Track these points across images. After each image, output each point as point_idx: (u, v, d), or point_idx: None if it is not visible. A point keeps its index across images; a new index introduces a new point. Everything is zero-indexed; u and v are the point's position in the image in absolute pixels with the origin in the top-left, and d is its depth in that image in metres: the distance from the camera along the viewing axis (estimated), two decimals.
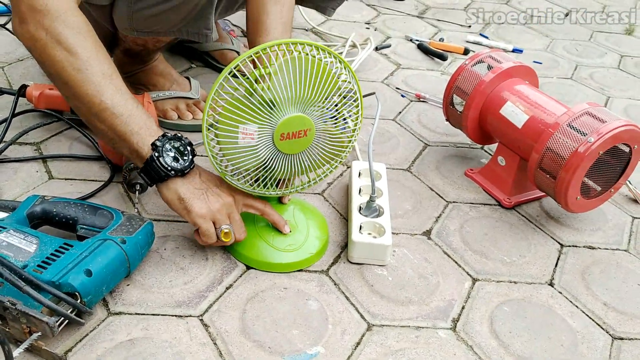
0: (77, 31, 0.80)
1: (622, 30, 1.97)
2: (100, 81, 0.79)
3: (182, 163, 0.82)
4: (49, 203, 0.84)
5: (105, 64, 0.81)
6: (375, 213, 0.95)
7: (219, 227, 0.83)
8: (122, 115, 0.80)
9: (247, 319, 0.80)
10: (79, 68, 0.79)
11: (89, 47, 0.80)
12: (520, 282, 0.92)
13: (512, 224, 1.04)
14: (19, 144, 1.07)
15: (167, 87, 1.23)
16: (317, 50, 0.79)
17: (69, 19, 0.80)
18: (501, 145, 1.10)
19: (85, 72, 0.79)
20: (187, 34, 1.06)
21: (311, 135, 0.82)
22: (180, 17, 1.02)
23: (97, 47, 0.82)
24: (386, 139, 1.24)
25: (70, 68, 0.79)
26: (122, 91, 0.81)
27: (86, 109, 0.81)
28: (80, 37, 0.80)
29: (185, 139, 0.83)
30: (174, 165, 0.81)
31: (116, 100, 0.80)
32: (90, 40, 0.81)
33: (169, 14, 1.00)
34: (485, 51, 1.14)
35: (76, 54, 0.79)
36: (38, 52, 0.80)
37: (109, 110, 0.79)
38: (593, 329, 0.85)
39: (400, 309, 0.85)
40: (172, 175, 0.81)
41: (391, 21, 1.84)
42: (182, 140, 0.83)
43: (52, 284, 0.70)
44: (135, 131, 0.80)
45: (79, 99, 0.80)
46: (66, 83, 0.80)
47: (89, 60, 0.79)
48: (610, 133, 0.92)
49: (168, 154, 0.81)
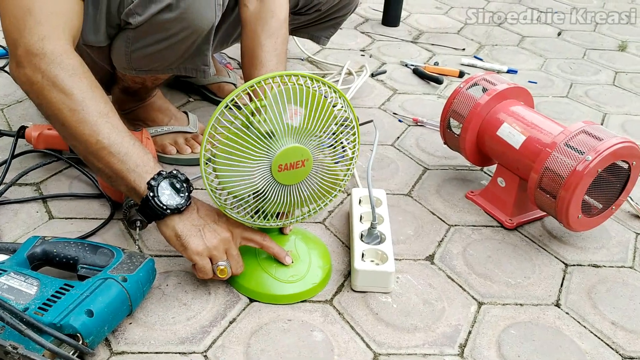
0: (72, 73, 0.81)
1: (615, 47, 1.99)
2: (97, 120, 0.80)
3: (178, 201, 0.82)
4: (49, 244, 0.83)
5: (101, 103, 0.82)
6: (377, 240, 0.95)
7: (215, 263, 0.83)
8: (118, 153, 0.80)
9: (252, 353, 0.79)
10: (74, 109, 0.80)
11: (85, 88, 0.81)
12: (527, 304, 0.91)
13: (515, 245, 1.03)
14: (19, 185, 1.08)
15: (165, 122, 1.24)
16: (312, 81, 0.80)
17: (65, 62, 0.81)
18: (500, 166, 1.10)
19: (81, 112, 0.80)
20: (185, 70, 1.08)
21: (309, 166, 0.82)
22: (178, 55, 1.03)
23: (93, 87, 0.83)
24: (385, 165, 1.25)
25: (66, 109, 0.80)
26: (118, 129, 0.82)
27: (83, 148, 0.82)
28: (75, 78, 0.81)
29: (182, 175, 0.83)
30: (170, 204, 0.81)
31: (112, 138, 0.80)
32: (85, 81, 0.82)
33: (166, 53, 1.02)
34: (479, 74, 1.15)
35: (72, 95, 0.80)
36: (35, 94, 0.81)
37: (106, 150, 0.80)
38: (602, 349, 0.84)
39: (407, 336, 0.84)
40: (168, 214, 0.81)
41: (386, 47, 1.86)
42: (179, 176, 0.83)
43: (54, 326, 0.69)
44: (132, 169, 0.81)
45: (76, 138, 0.81)
46: (63, 124, 0.81)
47: (84, 101, 0.80)
48: (607, 150, 0.92)
49: (164, 192, 0.81)
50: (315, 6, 1.33)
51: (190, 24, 0.97)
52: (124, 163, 0.81)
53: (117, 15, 0.97)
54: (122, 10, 0.95)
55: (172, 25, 0.96)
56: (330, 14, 1.40)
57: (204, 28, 0.98)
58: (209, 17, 0.98)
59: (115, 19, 0.97)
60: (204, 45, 1.04)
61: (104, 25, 0.99)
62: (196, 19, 0.96)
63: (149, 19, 0.95)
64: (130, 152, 0.81)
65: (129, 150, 0.81)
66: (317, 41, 1.47)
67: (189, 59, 1.06)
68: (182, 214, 0.82)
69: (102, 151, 0.80)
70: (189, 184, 0.84)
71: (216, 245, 0.83)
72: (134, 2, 0.93)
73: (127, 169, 0.81)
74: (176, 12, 0.94)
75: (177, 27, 0.96)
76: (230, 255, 0.85)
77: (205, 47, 1.05)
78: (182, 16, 0.95)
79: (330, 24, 1.44)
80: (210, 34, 1.02)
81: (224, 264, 0.84)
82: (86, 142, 0.80)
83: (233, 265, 0.85)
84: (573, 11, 2.30)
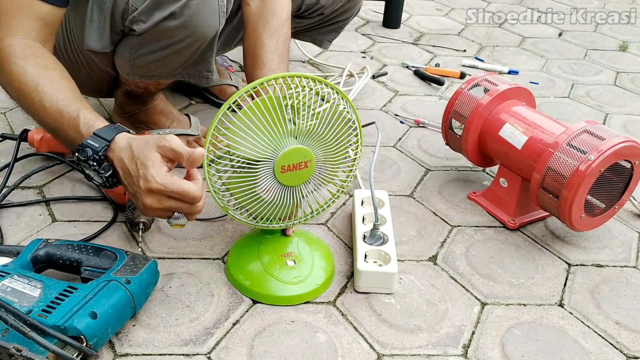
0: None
1: (616, 47, 1.99)
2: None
3: (99, 181, 0.80)
4: (53, 246, 0.83)
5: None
6: (380, 241, 0.95)
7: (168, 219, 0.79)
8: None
9: (256, 354, 0.79)
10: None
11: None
12: (530, 304, 0.91)
13: (518, 246, 1.03)
14: (21, 188, 1.08)
15: (167, 125, 1.24)
16: (315, 82, 0.80)
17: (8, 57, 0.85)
18: (502, 167, 1.10)
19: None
20: (189, 77, 1.09)
21: (312, 167, 0.82)
22: (181, 62, 1.04)
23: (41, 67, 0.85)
24: (387, 166, 1.25)
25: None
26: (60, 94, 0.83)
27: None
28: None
29: (91, 151, 0.78)
30: (96, 180, 0.80)
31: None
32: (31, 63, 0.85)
33: (170, 59, 1.02)
34: (480, 74, 1.15)
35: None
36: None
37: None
38: (607, 349, 0.84)
39: (410, 337, 0.83)
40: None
41: (386, 49, 1.86)
42: (89, 162, 0.78)
43: (57, 328, 0.69)
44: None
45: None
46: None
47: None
48: (610, 150, 0.92)
49: (89, 171, 0.79)
50: (318, 10, 1.34)
51: (194, 32, 0.97)
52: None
53: (121, 22, 0.97)
54: (126, 17, 0.96)
55: (176, 32, 0.96)
56: (333, 18, 1.40)
57: (208, 35, 0.99)
58: (213, 25, 0.98)
59: (120, 25, 0.98)
60: (208, 52, 1.05)
61: (108, 32, 0.99)
62: (200, 27, 0.96)
63: (153, 27, 0.95)
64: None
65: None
66: (320, 44, 1.48)
67: (192, 66, 1.06)
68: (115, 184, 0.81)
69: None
70: (102, 162, 0.78)
71: (152, 207, 0.76)
72: (139, 9, 0.94)
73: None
74: (180, 20, 0.94)
75: (181, 34, 0.97)
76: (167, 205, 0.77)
77: (208, 54, 1.05)
78: (186, 24, 0.95)
79: (332, 28, 1.44)
80: (214, 41, 1.02)
81: (175, 218, 0.78)
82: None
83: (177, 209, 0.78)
84: (573, 11, 2.30)
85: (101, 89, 1.20)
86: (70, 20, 1.03)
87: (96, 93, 1.26)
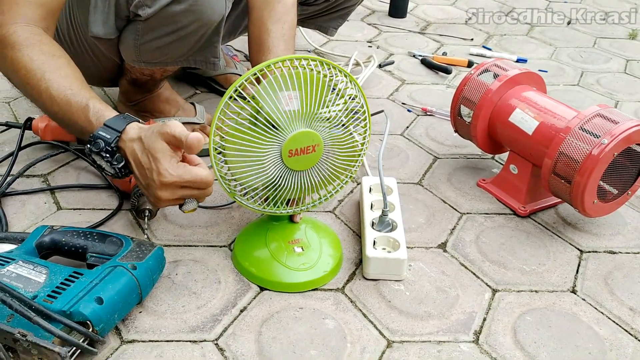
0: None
1: (626, 35, 1.97)
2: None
3: (111, 171, 0.79)
4: (58, 233, 0.82)
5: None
6: (389, 227, 0.93)
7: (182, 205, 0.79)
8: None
9: (263, 341, 0.77)
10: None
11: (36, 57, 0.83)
12: (542, 291, 0.89)
13: (529, 233, 1.01)
14: (26, 176, 1.07)
15: (172, 114, 1.23)
16: (322, 65, 0.79)
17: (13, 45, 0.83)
18: (512, 153, 1.08)
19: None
20: (195, 63, 1.07)
21: (320, 151, 0.81)
22: (187, 48, 1.02)
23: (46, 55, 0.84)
24: (395, 154, 1.23)
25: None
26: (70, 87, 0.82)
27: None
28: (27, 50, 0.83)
29: (104, 142, 0.77)
30: (111, 171, 0.79)
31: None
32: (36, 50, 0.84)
33: (176, 45, 1.01)
34: (490, 60, 1.13)
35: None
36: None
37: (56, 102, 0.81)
38: (621, 336, 0.82)
39: (420, 323, 0.82)
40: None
41: (393, 39, 1.84)
42: (102, 148, 0.77)
43: (63, 313, 0.68)
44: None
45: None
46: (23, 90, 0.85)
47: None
48: (624, 134, 0.90)
49: (100, 161, 0.79)
50: None
51: (200, 16, 0.95)
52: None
53: (126, 7, 0.96)
54: (131, 2, 0.94)
55: (181, 17, 0.95)
56: (339, 4, 1.38)
57: (214, 20, 0.97)
58: (219, 9, 0.96)
59: (124, 10, 0.96)
60: (214, 37, 1.03)
61: (113, 17, 0.98)
62: (206, 11, 0.95)
63: (158, 11, 0.93)
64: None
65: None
66: (325, 32, 1.46)
67: (198, 52, 1.05)
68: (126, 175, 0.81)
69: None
70: (114, 153, 0.78)
71: (166, 199, 0.76)
72: None
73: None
74: (186, 4, 0.93)
75: (186, 19, 0.95)
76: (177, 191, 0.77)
77: (215, 39, 1.04)
78: (192, 8, 0.94)
79: (338, 14, 1.42)
80: (220, 26, 1.01)
81: (188, 204, 0.78)
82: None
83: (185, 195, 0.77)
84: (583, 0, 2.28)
85: (106, 77, 1.19)
86: (74, 7, 1.02)
87: (101, 82, 1.24)
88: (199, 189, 0.77)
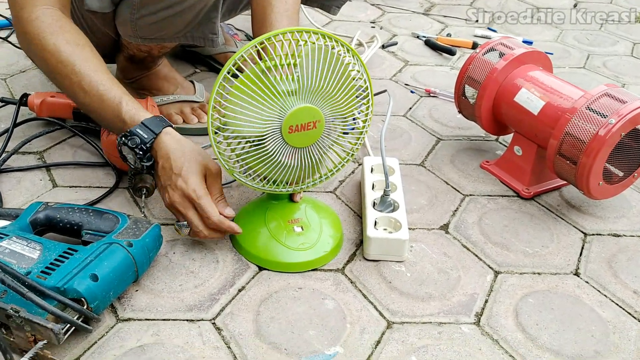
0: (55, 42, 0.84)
1: (633, 19, 1.93)
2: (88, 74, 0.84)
3: (140, 165, 0.84)
4: (53, 209, 0.81)
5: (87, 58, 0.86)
6: (390, 208, 0.92)
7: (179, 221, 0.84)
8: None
9: (262, 320, 0.76)
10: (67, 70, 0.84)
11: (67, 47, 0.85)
12: (545, 273, 0.88)
13: (532, 215, 1.00)
14: (22, 153, 1.05)
15: (171, 91, 1.21)
16: (324, 38, 0.76)
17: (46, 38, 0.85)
18: (517, 134, 1.07)
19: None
20: (193, 39, 1.05)
21: (321, 127, 0.79)
22: (185, 23, 1.00)
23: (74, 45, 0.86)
24: (398, 135, 1.21)
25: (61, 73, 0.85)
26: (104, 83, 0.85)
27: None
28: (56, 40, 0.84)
29: (138, 139, 0.82)
30: (138, 165, 0.84)
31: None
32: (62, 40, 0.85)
33: (173, 20, 0.98)
34: (496, 39, 1.11)
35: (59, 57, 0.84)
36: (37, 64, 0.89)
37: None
38: (624, 318, 0.81)
39: (421, 305, 0.81)
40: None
41: (396, 19, 1.81)
42: (138, 144, 0.82)
43: (57, 289, 0.67)
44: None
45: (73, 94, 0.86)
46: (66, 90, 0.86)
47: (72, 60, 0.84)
48: (632, 113, 0.88)
49: (128, 155, 0.83)
50: None
51: None
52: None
53: None
54: None
55: None
56: None
57: None
58: None
59: None
60: (213, 13, 1.01)
61: None
62: None
63: None
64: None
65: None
66: (328, 10, 1.43)
67: (197, 27, 1.02)
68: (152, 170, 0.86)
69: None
70: (147, 152, 0.82)
71: (174, 206, 0.82)
72: None
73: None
74: None
75: None
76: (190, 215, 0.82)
77: (213, 15, 1.01)
78: None
79: None
80: (219, 1, 0.98)
81: (181, 225, 0.83)
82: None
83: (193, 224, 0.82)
84: None
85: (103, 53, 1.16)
86: None
87: None
88: (200, 215, 0.81)
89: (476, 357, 0.73)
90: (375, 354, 0.73)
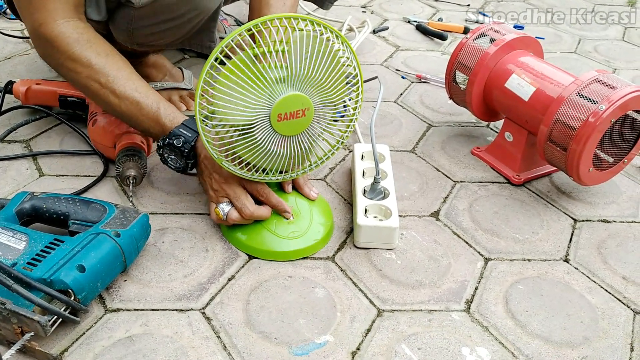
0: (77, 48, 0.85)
1: (625, 2, 1.93)
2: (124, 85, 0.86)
3: (181, 164, 0.85)
4: (39, 199, 0.80)
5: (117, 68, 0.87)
6: (381, 195, 0.91)
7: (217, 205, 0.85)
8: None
9: (252, 310, 0.76)
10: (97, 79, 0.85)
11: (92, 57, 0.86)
12: (535, 260, 0.88)
13: (522, 201, 1.00)
14: (7, 141, 1.04)
15: (159, 79, 1.20)
16: (313, 24, 0.75)
17: (61, 43, 0.85)
18: (508, 120, 1.06)
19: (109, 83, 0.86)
20: (190, 46, 1.06)
21: (310, 115, 0.78)
22: (183, 33, 0.99)
23: (102, 54, 0.86)
24: (388, 121, 1.20)
25: (89, 83, 0.86)
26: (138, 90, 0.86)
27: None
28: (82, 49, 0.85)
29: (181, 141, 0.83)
30: (181, 165, 0.85)
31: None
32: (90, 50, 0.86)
33: (171, 31, 0.98)
34: (487, 24, 1.10)
35: (87, 65, 0.85)
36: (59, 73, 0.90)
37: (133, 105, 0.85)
38: (613, 304, 0.81)
39: (411, 292, 0.81)
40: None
41: (387, 4, 1.79)
42: (183, 143, 0.83)
43: (43, 281, 0.66)
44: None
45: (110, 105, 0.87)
46: (95, 97, 0.88)
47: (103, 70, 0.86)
48: (622, 100, 0.87)
49: (170, 156, 0.85)
50: None
51: (197, 5, 0.92)
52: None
53: None
54: None
55: (177, 7, 0.92)
56: None
57: (211, 7, 0.94)
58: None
59: None
60: (211, 23, 1.01)
61: (104, 2, 0.94)
62: (202, 0, 0.92)
63: (152, 1, 0.90)
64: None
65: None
66: (321, 5, 1.42)
67: (194, 36, 1.02)
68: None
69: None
70: (192, 150, 0.84)
71: (222, 184, 0.84)
72: None
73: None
74: None
75: (182, 8, 0.92)
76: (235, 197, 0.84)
77: (212, 25, 1.01)
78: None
79: None
80: (217, 12, 0.98)
81: (222, 206, 0.84)
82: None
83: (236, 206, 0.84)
84: None
85: None
86: None
87: None
88: (242, 201, 0.84)
89: (466, 344, 0.73)
90: (366, 342, 0.73)
